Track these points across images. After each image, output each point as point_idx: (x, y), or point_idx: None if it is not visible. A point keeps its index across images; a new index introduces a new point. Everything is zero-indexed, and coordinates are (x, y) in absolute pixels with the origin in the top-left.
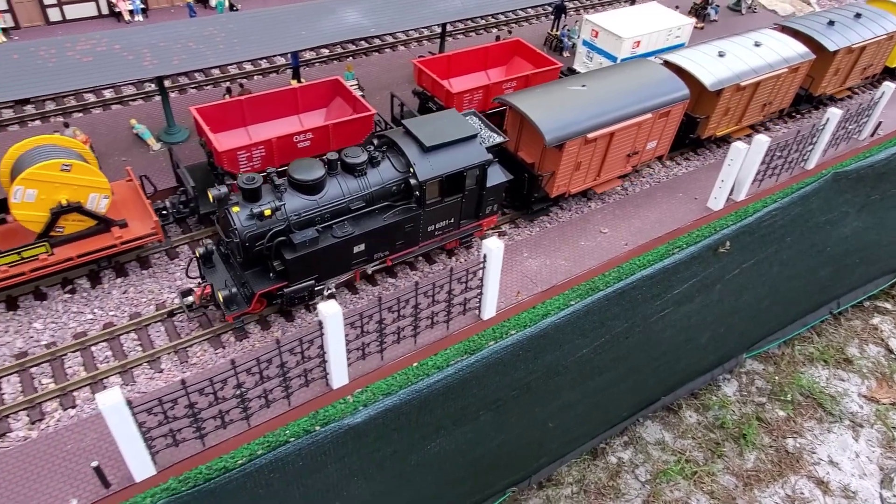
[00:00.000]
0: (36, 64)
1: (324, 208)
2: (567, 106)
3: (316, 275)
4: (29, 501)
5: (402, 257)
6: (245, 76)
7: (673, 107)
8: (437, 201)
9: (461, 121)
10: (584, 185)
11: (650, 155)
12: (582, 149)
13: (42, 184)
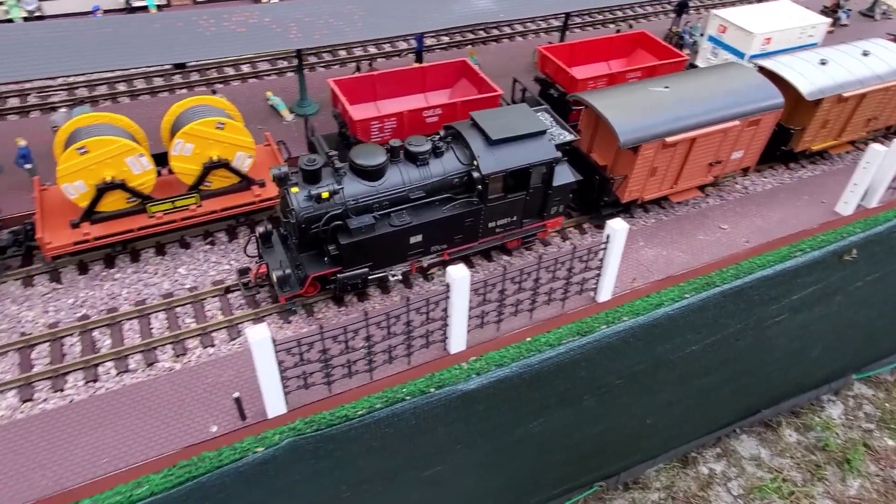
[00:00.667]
0: (196, 32)
1: (383, 195)
2: (646, 107)
3: (370, 262)
4: (175, 422)
5: (460, 253)
6: (370, 58)
7: (764, 115)
8: (500, 197)
9: (531, 116)
10: (659, 193)
11: (735, 166)
12: (659, 153)
13: (198, 139)
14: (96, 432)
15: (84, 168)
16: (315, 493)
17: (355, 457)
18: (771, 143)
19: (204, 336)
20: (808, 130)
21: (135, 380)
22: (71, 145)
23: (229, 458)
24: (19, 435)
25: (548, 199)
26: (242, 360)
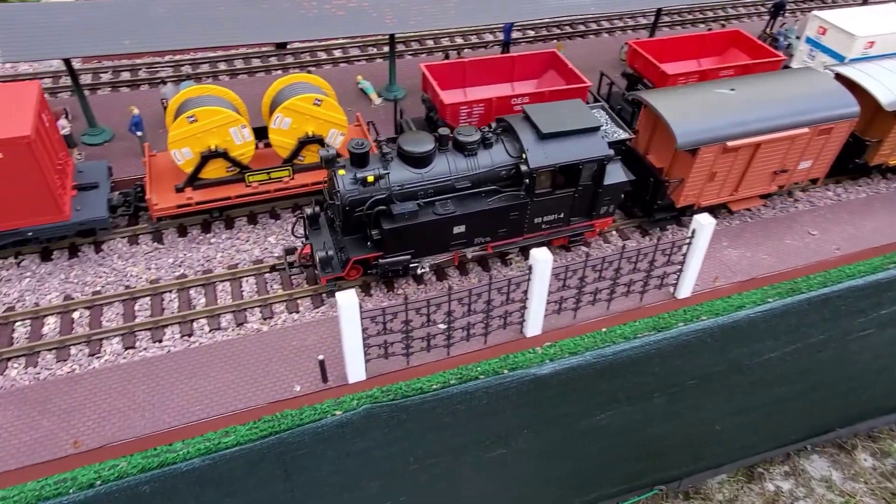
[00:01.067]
0: (299, 13)
1: (428, 183)
2: (709, 109)
3: (412, 250)
4: (262, 379)
5: (504, 247)
6: (456, 48)
7: (836, 124)
8: (548, 192)
9: (585, 111)
10: (718, 200)
11: (802, 176)
12: (719, 158)
13: (296, 114)
14: (190, 382)
15: (192, 136)
16: (385, 461)
17: (426, 430)
18: (844, 155)
19: (290, 302)
20: (885, 143)
21: (225, 337)
22: (181, 114)
23: (310, 417)
24: (123, 378)
25: (597, 199)
26: (325, 327)
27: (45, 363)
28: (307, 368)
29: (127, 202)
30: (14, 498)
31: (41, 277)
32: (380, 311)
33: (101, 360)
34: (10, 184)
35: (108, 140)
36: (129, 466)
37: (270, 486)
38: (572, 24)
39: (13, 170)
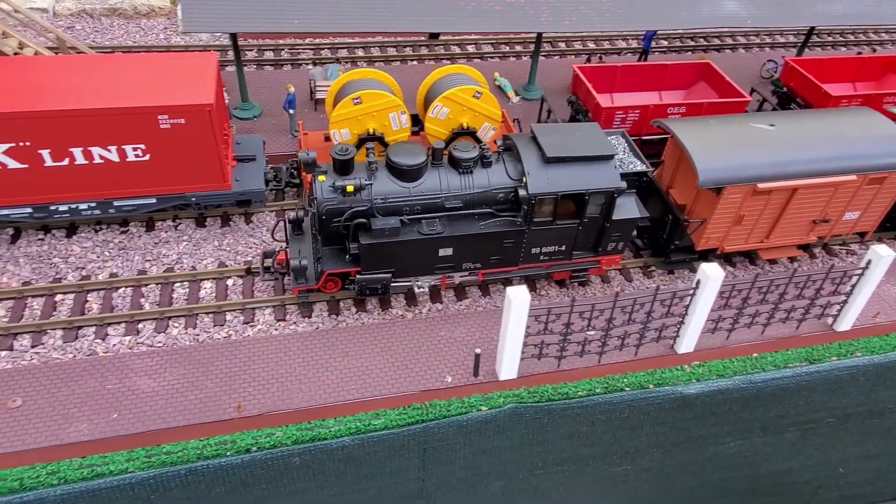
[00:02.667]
0: (458, 6)
1: (415, 199)
2: (741, 144)
3: (393, 269)
4: (413, 366)
5: (497, 275)
6: (588, 53)
7: (891, 174)
8: (548, 221)
9: (599, 137)
10: (746, 246)
11: (848, 228)
12: (748, 199)
13: (454, 104)
14: (343, 360)
15: (353, 117)
16: (514, 463)
17: (561, 437)
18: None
19: (434, 293)
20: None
21: (372, 321)
22: (343, 96)
23: (457, 409)
24: (279, 349)
25: (605, 233)
26: (472, 321)
27: (203, 326)
28: (456, 360)
29: (277, 177)
30: (178, 454)
31: (197, 242)
32: (545, 310)
33: (254, 328)
34: (186, 150)
35: (258, 115)
36: (284, 437)
37: (405, 473)
38: (721, 35)
39: (191, 136)
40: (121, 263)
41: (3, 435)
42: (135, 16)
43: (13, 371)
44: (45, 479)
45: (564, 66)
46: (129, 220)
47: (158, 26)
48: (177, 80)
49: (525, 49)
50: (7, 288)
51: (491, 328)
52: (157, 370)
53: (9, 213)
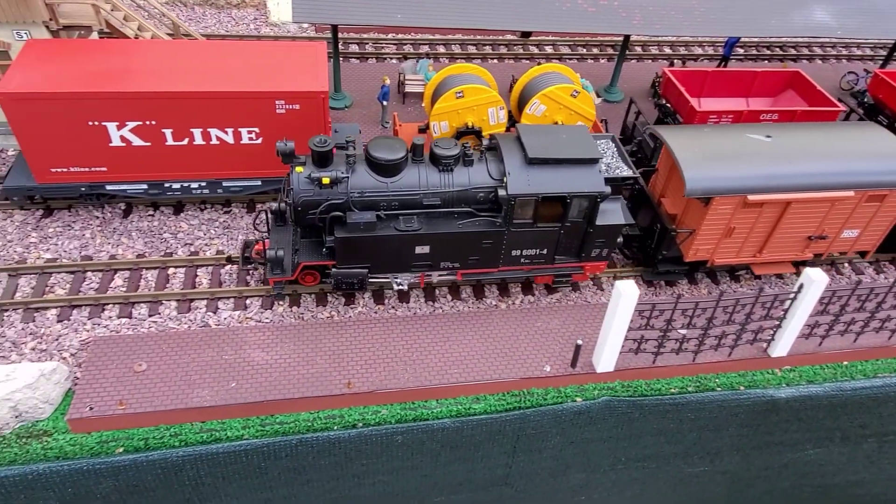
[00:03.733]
0: (553, 6)
1: (393, 195)
2: (734, 155)
3: (368, 264)
4: (512, 354)
5: (477, 276)
6: (666, 58)
7: (891, 192)
8: (528, 224)
9: (586, 141)
10: (737, 260)
11: (846, 246)
12: (739, 212)
13: (553, 102)
14: (444, 345)
15: (453, 111)
16: (598, 456)
17: (648, 432)
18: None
19: (525, 286)
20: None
21: (467, 308)
22: (443, 90)
23: (553, 399)
24: (382, 331)
25: (588, 239)
26: (566, 314)
27: (307, 305)
28: (553, 351)
29: None
30: (290, 424)
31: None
32: (650, 305)
33: (355, 310)
34: (296, 135)
35: (348, 106)
36: (388, 415)
37: (495, 458)
38: (783, 46)
39: (303, 122)
40: (226, 242)
41: (132, 395)
42: (226, 6)
43: (135, 337)
44: (169, 440)
45: (641, 69)
46: (231, 200)
47: (248, 17)
48: (291, 67)
49: (602, 52)
50: (123, 259)
51: (584, 321)
52: (269, 344)
53: (126, 188)
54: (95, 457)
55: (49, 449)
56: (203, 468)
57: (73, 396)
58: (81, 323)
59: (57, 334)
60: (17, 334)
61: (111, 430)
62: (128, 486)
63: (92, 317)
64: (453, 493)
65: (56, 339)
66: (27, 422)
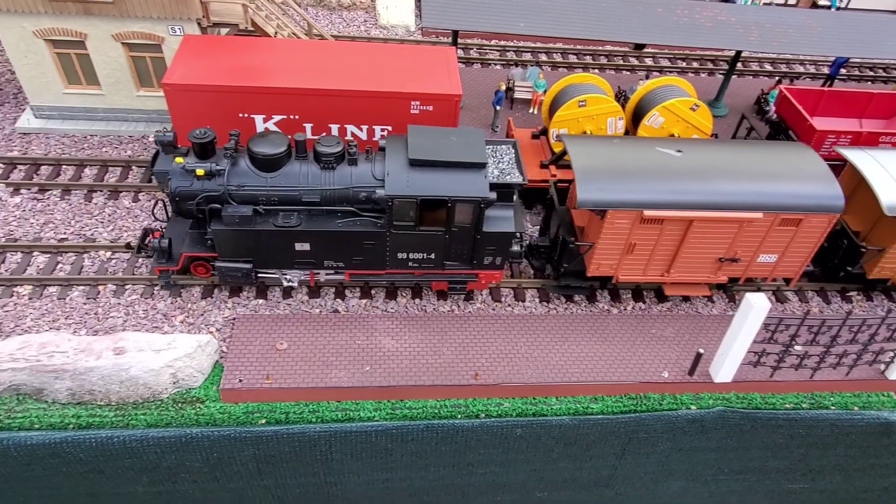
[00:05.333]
0: (671, 20)
1: (271, 190)
2: (637, 169)
3: (251, 258)
4: (629, 358)
5: (365, 278)
6: (767, 74)
7: (807, 216)
8: (410, 227)
9: (475, 145)
10: (644, 278)
11: (765, 272)
12: (638, 227)
13: (672, 115)
14: (564, 344)
15: (573, 119)
16: (703, 465)
17: (756, 446)
18: (837, 259)
19: (636, 293)
20: (889, 253)
21: (580, 311)
22: (564, 99)
23: (669, 405)
24: (503, 327)
25: (478, 246)
26: (680, 323)
27: (428, 298)
28: (670, 358)
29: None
30: (418, 410)
31: None
32: (777, 319)
33: (473, 306)
34: None
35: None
36: (510, 408)
37: (603, 459)
38: (886, 68)
39: (433, 122)
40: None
41: (275, 371)
42: (338, 7)
43: (273, 317)
44: (307, 416)
45: (741, 84)
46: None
47: (359, 19)
48: (425, 70)
49: (702, 66)
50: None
51: (698, 332)
52: (398, 333)
53: None
54: (241, 426)
55: (201, 415)
56: (336, 444)
57: (221, 368)
58: (223, 301)
59: (202, 310)
60: (167, 307)
61: (256, 402)
62: (266, 455)
63: (232, 296)
64: (556, 490)
65: (202, 314)
66: (182, 388)
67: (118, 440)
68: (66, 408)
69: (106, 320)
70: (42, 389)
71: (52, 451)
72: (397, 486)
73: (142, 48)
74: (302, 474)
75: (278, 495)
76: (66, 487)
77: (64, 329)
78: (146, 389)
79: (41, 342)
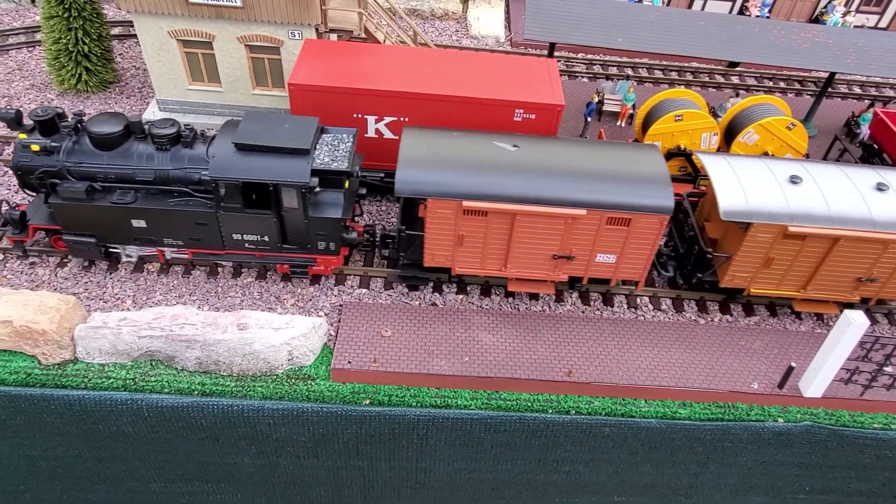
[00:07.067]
0: (768, 40)
1: (108, 168)
2: (463, 160)
3: (93, 233)
4: (717, 367)
5: (209, 258)
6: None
7: (635, 216)
8: (238, 208)
9: (304, 133)
10: (480, 271)
11: (608, 272)
12: (462, 219)
13: (767, 133)
14: (654, 350)
15: (668, 132)
16: (784, 480)
17: (841, 465)
18: (692, 265)
19: (723, 306)
20: (735, 262)
21: (667, 319)
22: (660, 113)
23: (756, 416)
24: (594, 329)
25: (308, 230)
26: (768, 336)
27: (521, 297)
28: (759, 370)
29: None
30: (511, 402)
31: None
32: (873, 338)
33: (564, 307)
34: None
35: None
36: (600, 406)
37: (686, 466)
38: None
39: (535, 130)
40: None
41: (381, 356)
42: (430, 17)
43: (376, 306)
44: (408, 399)
45: (830, 106)
46: None
47: (450, 28)
48: (528, 80)
49: (789, 86)
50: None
51: (787, 346)
52: (494, 328)
53: (366, 174)
54: (347, 404)
55: (312, 391)
56: (432, 429)
57: (329, 350)
58: (329, 288)
59: (311, 295)
60: (279, 291)
61: (362, 383)
62: (366, 434)
63: (338, 284)
64: (634, 495)
65: (310, 299)
66: (295, 366)
67: (237, 409)
68: (192, 375)
69: (225, 298)
70: (174, 357)
71: (178, 414)
72: (483, 477)
73: (262, 50)
74: (396, 458)
75: (369, 477)
76: (182, 453)
77: (189, 304)
78: (265, 364)
79: (173, 314)
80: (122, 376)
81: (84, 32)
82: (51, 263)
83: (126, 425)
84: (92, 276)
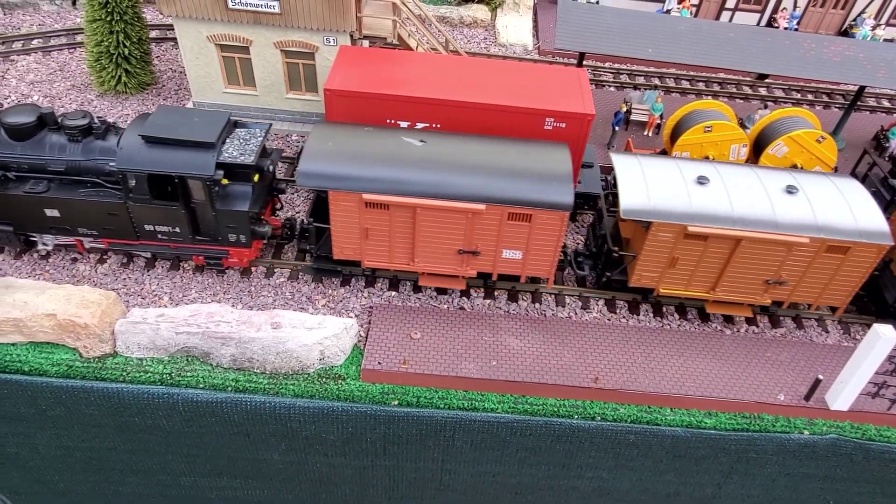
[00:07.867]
0: (798, 52)
1: (21, 158)
2: (365, 154)
3: (9, 221)
4: (743, 378)
5: (125, 248)
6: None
7: (536, 212)
8: (146, 199)
9: (212, 127)
10: (389, 264)
11: (516, 269)
12: (366, 212)
13: (797, 146)
14: (680, 359)
15: (697, 143)
16: (809, 494)
17: (867, 479)
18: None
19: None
20: (640, 262)
21: (693, 329)
22: (689, 124)
23: (782, 427)
24: (620, 337)
25: (218, 223)
26: (794, 349)
27: (547, 304)
28: (786, 382)
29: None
30: (538, 406)
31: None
32: None
33: (590, 314)
34: None
35: None
36: (626, 414)
37: (709, 476)
38: None
39: (565, 139)
40: None
41: (410, 357)
42: (459, 24)
43: (406, 308)
44: (436, 401)
45: (858, 120)
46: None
47: (479, 36)
48: (559, 89)
49: (817, 98)
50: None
51: (813, 358)
52: (522, 333)
53: None
54: (376, 404)
55: (342, 391)
56: (458, 431)
57: (359, 350)
58: (360, 290)
59: (341, 297)
60: (311, 291)
61: (391, 384)
62: (394, 434)
63: (367, 286)
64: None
65: (341, 300)
66: (326, 365)
67: (269, 406)
68: (227, 372)
69: (258, 298)
70: (209, 353)
71: (212, 409)
72: (506, 481)
73: (297, 55)
74: (422, 458)
75: (395, 477)
76: (213, 448)
77: (224, 302)
78: (297, 363)
79: (209, 311)
80: (160, 371)
81: (125, 35)
82: (91, 259)
83: (161, 419)
84: (130, 273)
